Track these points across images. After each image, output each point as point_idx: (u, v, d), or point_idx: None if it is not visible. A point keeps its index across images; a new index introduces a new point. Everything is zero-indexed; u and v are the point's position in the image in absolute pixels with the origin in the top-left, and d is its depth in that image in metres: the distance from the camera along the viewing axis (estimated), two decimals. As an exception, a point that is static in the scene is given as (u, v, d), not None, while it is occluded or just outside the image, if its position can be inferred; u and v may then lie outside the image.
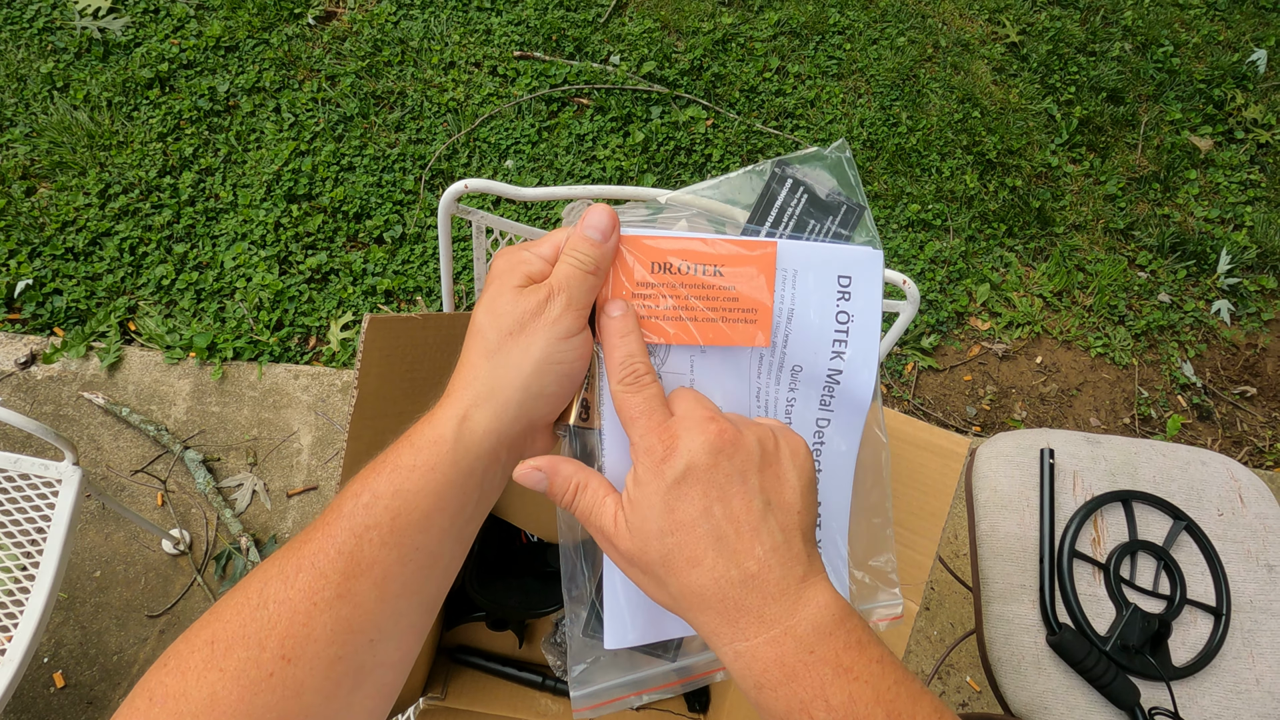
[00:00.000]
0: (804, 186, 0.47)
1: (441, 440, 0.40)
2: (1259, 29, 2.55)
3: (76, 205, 1.79)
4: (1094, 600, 1.08)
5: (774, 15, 2.31)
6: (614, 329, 0.42)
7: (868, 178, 2.11)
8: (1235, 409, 1.96)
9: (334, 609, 0.37)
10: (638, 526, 0.39)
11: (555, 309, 0.42)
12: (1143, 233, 2.14)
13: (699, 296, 0.44)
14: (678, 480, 0.38)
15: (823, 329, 0.46)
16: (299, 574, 0.38)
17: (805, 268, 0.46)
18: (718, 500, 0.38)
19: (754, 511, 0.39)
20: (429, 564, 0.40)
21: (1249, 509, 1.17)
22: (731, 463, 0.39)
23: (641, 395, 0.41)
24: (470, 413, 0.41)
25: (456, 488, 0.40)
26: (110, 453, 1.57)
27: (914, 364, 1.90)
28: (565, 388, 0.43)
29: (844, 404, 0.48)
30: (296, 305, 1.76)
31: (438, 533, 0.40)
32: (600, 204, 0.43)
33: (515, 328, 0.42)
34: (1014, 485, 1.15)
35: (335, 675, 0.37)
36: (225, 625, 0.37)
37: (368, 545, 0.38)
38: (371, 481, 0.40)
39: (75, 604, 1.45)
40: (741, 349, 0.46)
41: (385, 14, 2.15)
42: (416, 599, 0.40)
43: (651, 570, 0.39)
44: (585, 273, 0.42)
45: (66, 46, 1.99)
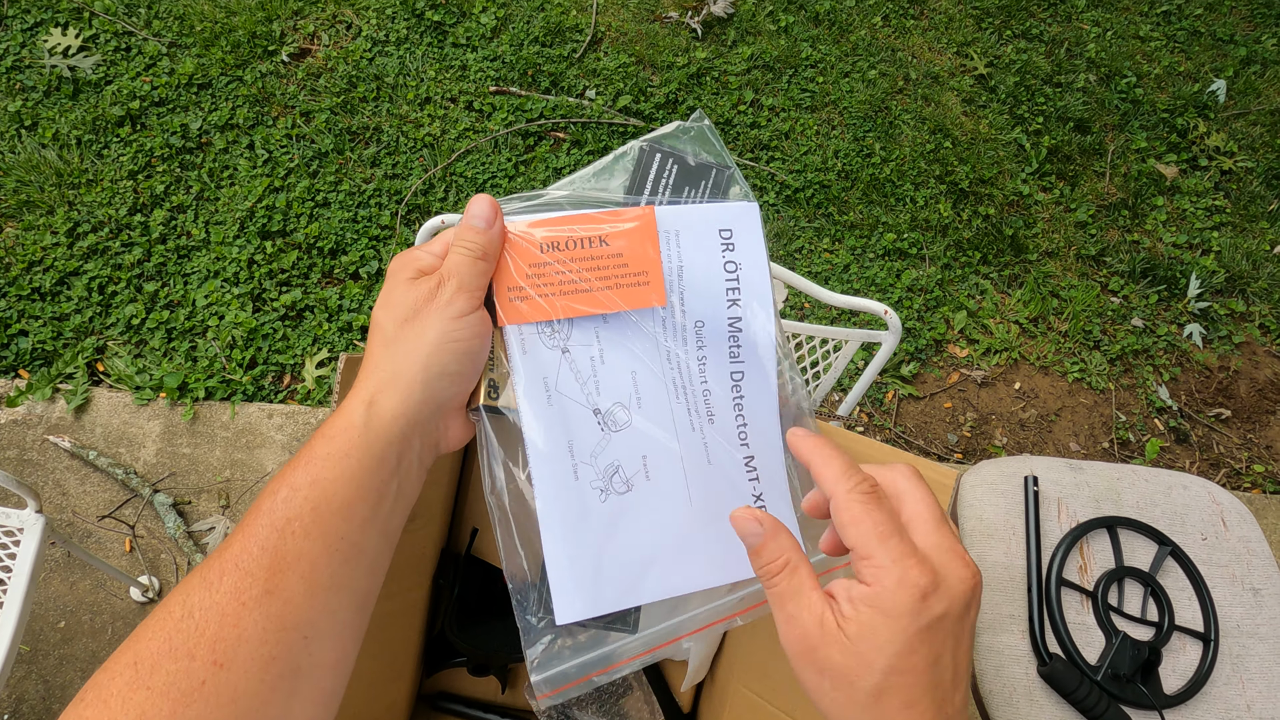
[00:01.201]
0: (673, 158, 0.49)
1: (351, 426, 0.41)
2: (1217, 60, 2.62)
3: (44, 244, 1.76)
4: (1083, 629, 1.07)
5: (747, 50, 2.34)
6: (819, 444, 0.41)
7: (844, 208, 2.13)
8: (1211, 431, 1.98)
9: (263, 606, 0.36)
10: (860, 651, 0.36)
11: (447, 292, 0.43)
12: (1114, 259, 2.17)
13: (590, 269, 0.46)
14: (931, 624, 0.36)
15: (714, 279, 0.49)
16: (223, 577, 0.36)
17: (685, 227, 0.48)
18: (951, 650, 0.37)
19: (964, 663, 0.38)
20: (354, 555, 0.40)
21: (1232, 532, 1.17)
22: (973, 615, 0.38)
23: (883, 509, 0.38)
24: (376, 397, 0.42)
25: (372, 473, 0.40)
26: (77, 498, 1.53)
27: (894, 392, 1.90)
28: (466, 365, 0.44)
29: (751, 352, 0.50)
30: (270, 343, 1.73)
31: (360, 522, 0.40)
32: (481, 194, 0.45)
33: (409, 314, 0.43)
34: (999, 514, 1.14)
35: (271, 677, 0.36)
36: (148, 644, 0.35)
37: (291, 538, 0.38)
38: (289, 476, 0.39)
39: (38, 657, 1.39)
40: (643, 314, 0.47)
41: (360, 50, 2.15)
42: (346, 594, 0.40)
43: (854, 693, 0.37)
44: (474, 258, 0.44)
45: (35, 85, 1.97)
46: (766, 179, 2.13)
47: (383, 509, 0.41)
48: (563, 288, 0.46)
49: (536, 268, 0.45)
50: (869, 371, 0.92)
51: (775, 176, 2.14)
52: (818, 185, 2.13)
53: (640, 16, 2.37)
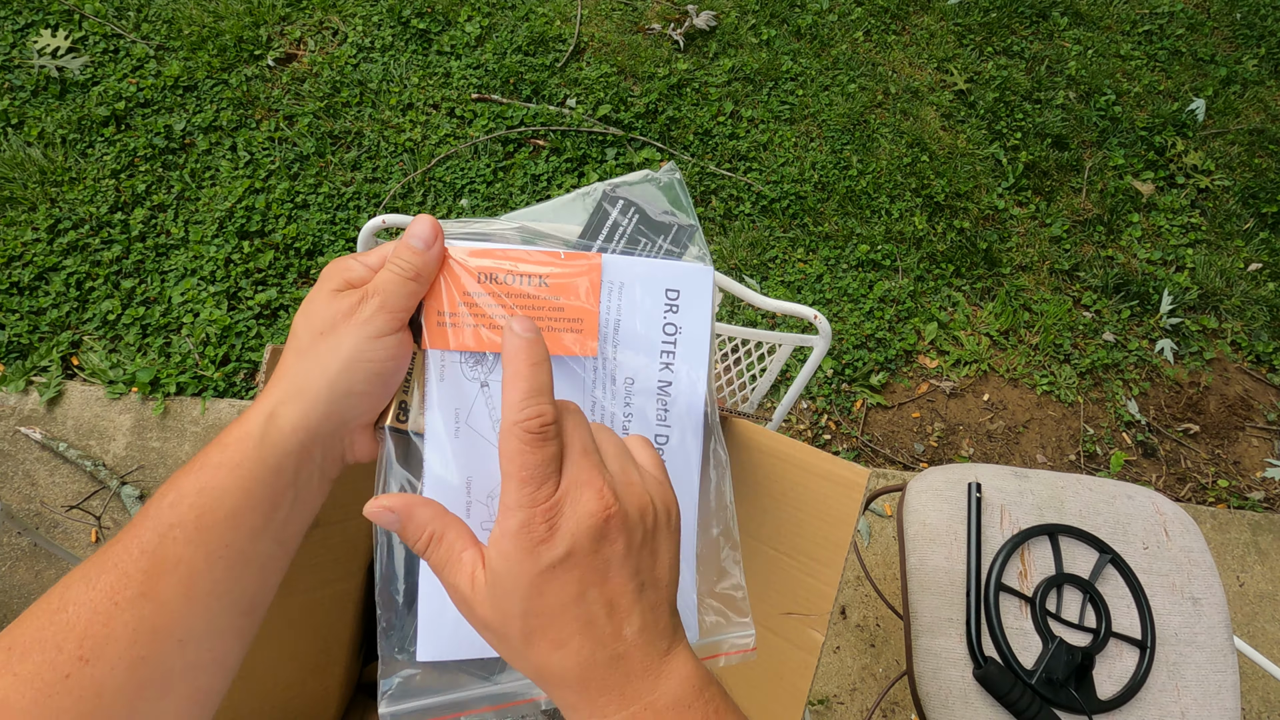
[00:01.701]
0: (635, 207, 0.48)
1: (247, 437, 0.40)
2: (1197, 79, 2.65)
3: (24, 240, 1.78)
4: (1020, 633, 1.08)
5: (728, 62, 2.37)
6: (521, 354, 0.39)
7: (819, 219, 2.15)
8: (1179, 446, 1.99)
9: (136, 608, 0.37)
10: (498, 599, 0.37)
11: (367, 310, 0.42)
12: (1087, 274, 2.19)
13: (525, 306, 0.45)
14: (554, 565, 0.36)
15: (650, 339, 0.48)
16: (101, 575, 0.37)
17: (632, 280, 0.47)
18: (595, 584, 0.37)
19: (629, 593, 0.37)
20: (240, 563, 0.40)
21: (1174, 542, 1.19)
22: (613, 546, 0.37)
23: (540, 454, 0.37)
24: (277, 409, 0.41)
25: (265, 485, 0.40)
26: (45, 489, 1.55)
27: (863, 401, 1.91)
28: (376, 386, 0.43)
29: (679, 419, 0.49)
30: (244, 340, 1.75)
31: (248, 531, 0.40)
32: (424, 215, 0.44)
33: (326, 327, 0.42)
34: (942, 519, 1.16)
35: (139, 677, 0.37)
36: (23, 632, 0.36)
37: (171, 543, 0.38)
38: (179, 481, 0.40)
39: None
40: (574, 360, 0.46)
41: (345, 56, 2.18)
42: (229, 600, 0.40)
43: (509, 642, 0.38)
44: (405, 278, 0.43)
45: (23, 84, 2.00)
46: (743, 189, 2.16)
47: (276, 518, 0.41)
48: (493, 321, 0.45)
49: (469, 297, 0.45)
50: (801, 375, 0.94)
51: (752, 187, 2.16)
52: (794, 196, 2.16)
53: (623, 28, 2.40)
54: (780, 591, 0.80)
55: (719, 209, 2.11)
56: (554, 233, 0.49)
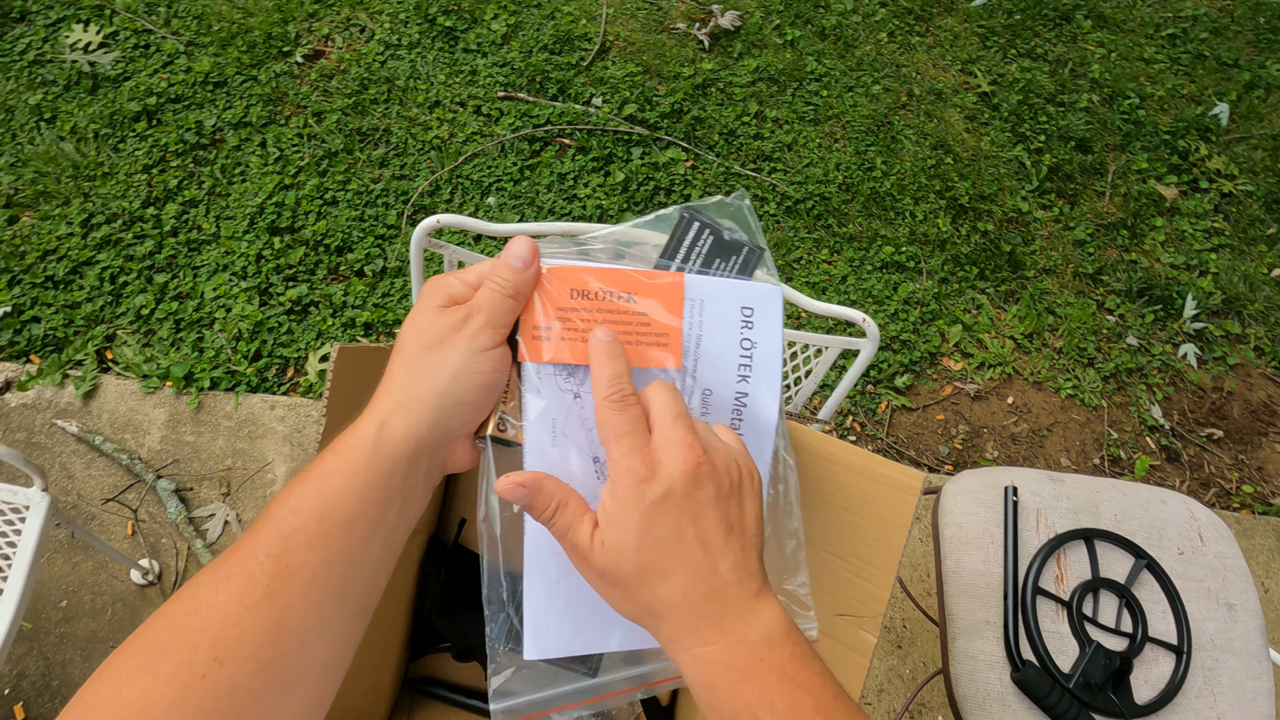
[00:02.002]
0: (710, 229, 0.50)
1: (361, 445, 0.43)
2: (1220, 84, 2.65)
3: (59, 234, 1.80)
4: (1057, 637, 1.09)
5: (753, 62, 2.38)
6: (602, 351, 0.45)
7: (843, 220, 2.15)
8: (1203, 451, 1.99)
9: (263, 611, 0.39)
10: (613, 542, 0.42)
11: (473, 325, 0.45)
12: (1111, 277, 2.19)
13: (615, 321, 0.47)
14: (657, 501, 0.41)
15: (728, 354, 0.50)
16: (229, 579, 0.39)
17: (711, 298, 0.50)
18: (691, 523, 0.42)
19: (720, 534, 0.42)
20: (354, 568, 0.42)
21: (1209, 548, 1.19)
22: (704, 490, 0.42)
23: (626, 415, 0.43)
24: (389, 419, 0.43)
25: (377, 490, 0.42)
26: (82, 481, 1.57)
27: (888, 403, 1.92)
28: (482, 398, 0.46)
29: (751, 427, 0.52)
30: (275, 336, 1.76)
31: (361, 536, 0.42)
32: (523, 236, 0.47)
33: (435, 341, 0.45)
34: (978, 522, 1.16)
35: (266, 677, 0.38)
36: (158, 634, 0.38)
37: (294, 548, 0.40)
38: (298, 488, 0.42)
39: (39, 634, 1.43)
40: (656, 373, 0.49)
41: (373, 54, 2.19)
42: (343, 603, 0.42)
43: (625, 582, 0.42)
44: (504, 296, 0.45)
45: (56, 79, 2.02)
46: (768, 189, 2.16)
47: (385, 525, 0.43)
48: (585, 335, 0.47)
49: (563, 311, 0.47)
50: (848, 377, 0.95)
51: (776, 187, 2.17)
52: (818, 197, 2.16)
53: (649, 27, 2.41)
54: (832, 593, 0.81)
55: (744, 209, 2.12)
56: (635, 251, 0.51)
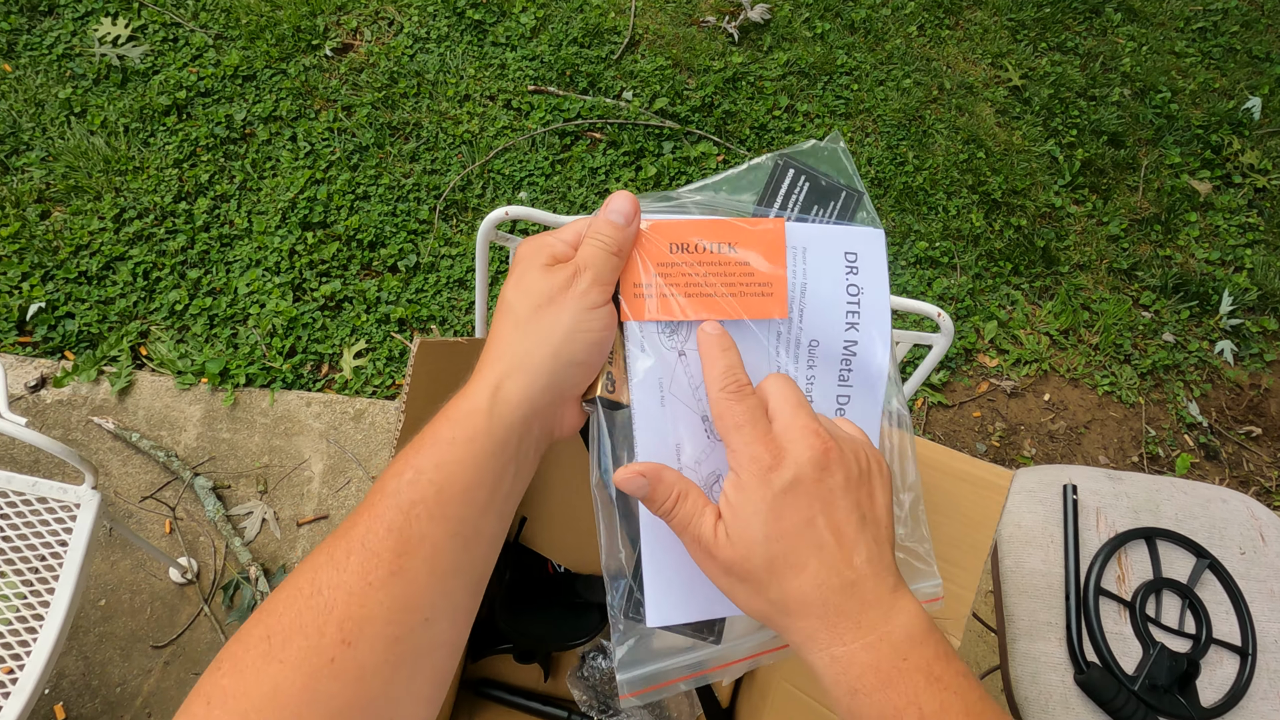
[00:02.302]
0: (805, 175, 0.49)
1: (476, 411, 0.41)
2: (1253, 77, 2.62)
3: (91, 229, 1.79)
4: (1120, 639, 1.07)
5: (783, 55, 2.35)
6: (713, 343, 0.44)
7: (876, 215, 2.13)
8: (1241, 449, 1.97)
9: (388, 588, 0.37)
10: (739, 534, 0.40)
11: (583, 283, 0.43)
12: (1146, 273, 2.17)
13: (716, 274, 0.46)
14: (785, 489, 0.39)
15: (835, 300, 0.48)
16: (350, 557, 0.37)
17: (812, 244, 0.48)
18: (821, 511, 0.40)
19: (852, 524, 0.40)
20: (474, 539, 0.40)
21: (1270, 547, 1.17)
22: (834, 477, 0.40)
23: (744, 405, 0.41)
24: (503, 383, 0.42)
25: (494, 458, 0.41)
26: (119, 479, 1.55)
27: (924, 399, 1.90)
28: (594, 356, 0.44)
29: (861, 379, 0.49)
30: (310, 332, 1.75)
31: (479, 506, 0.40)
32: (623, 190, 0.45)
33: (544, 301, 0.43)
34: (1038, 521, 1.15)
35: (395, 656, 0.37)
36: (280, 618, 0.36)
37: (416, 521, 0.38)
38: (414, 459, 0.40)
39: (79, 633, 1.42)
40: (760, 325, 0.47)
41: (402, 47, 2.18)
42: (465, 577, 0.41)
43: (753, 576, 0.40)
44: (609, 253, 0.44)
45: (85, 73, 2.00)
46: (800, 184, 2.14)
47: (500, 493, 0.41)
48: (688, 290, 0.45)
49: (664, 267, 0.45)
50: (920, 370, 0.93)
51: (809, 182, 2.14)
52: (851, 192, 2.14)
53: (678, 20, 2.39)
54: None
55: (777, 204, 2.10)
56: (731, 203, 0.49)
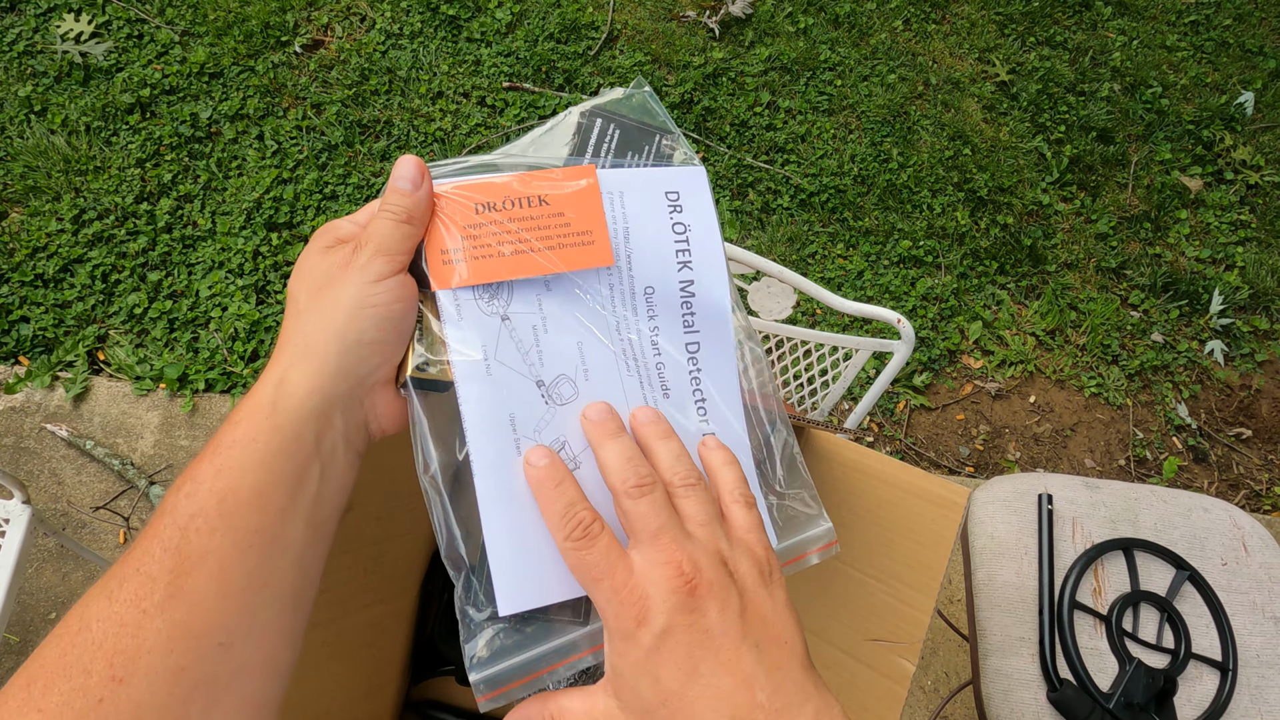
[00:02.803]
0: (614, 123, 0.47)
1: (258, 409, 0.37)
2: (1245, 72, 2.57)
3: (49, 231, 1.74)
4: (1096, 654, 1.03)
5: (765, 51, 2.31)
6: (544, 478, 0.39)
7: (859, 213, 2.09)
8: (1231, 451, 1.93)
9: (166, 612, 0.33)
10: (632, 706, 0.35)
11: (363, 256, 0.40)
12: (1135, 272, 2.12)
13: (530, 229, 0.43)
14: (656, 646, 0.35)
15: (662, 241, 0.46)
16: (123, 584, 0.33)
17: (629, 188, 0.46)
18: (705, 657, 0.35)
19: (746, 656, 0.35)
20: (274, 550, 0.36)
21: (1253, 558, 1.13)
22: (708, 614, 0.35)
23: (595, 551, 0.37)
24: (286, 374, 0.38)
25: (286, 457, 0.37)
26: (72, 488, 1.51)
27: (906, 402, 1.86)
28: (387, 333, 0.40)
29: (705, 320, 0.47)
30: (273, 336, 1.71)
31: (276, 512, 0.36)
32: (408, 155, 0.42)
33: (323, 282, 0.40)
34: (1011, 532, 1.10)
35: (182, 690, 0.33)
36: (44, 663, 0.32)
37: (195, 535, 0.34)
38: (194, 470, 0.36)
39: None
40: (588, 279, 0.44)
41: (373, 43, 2.13)
42: (268, 593, 0.36)
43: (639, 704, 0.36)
44: (398, 222, 0.40)
45: (46, 70, 1.96)
46: (781, 182, 2.10)
47: (304, 496, 0.37)
48: (500, 250, 0.42)
49: (471, 229, 0.42)
50: (879, 382, 0.89)
51: (790, 180, 2.10)
52: (833, 190, 2.10)
53: (657, 15, 2.34)
54: (866, 617, 0.75)
55: (756, 202, 2.06)
56: (542, 160, 0.47)
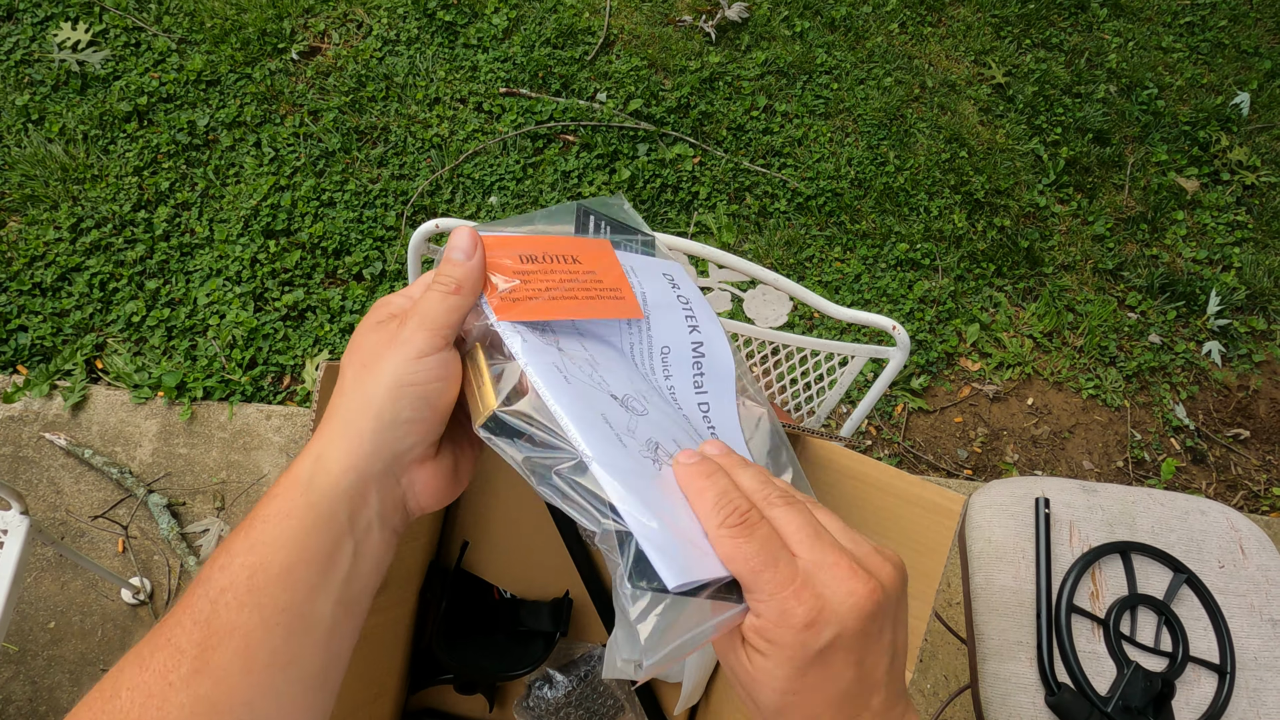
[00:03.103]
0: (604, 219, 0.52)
1: (295, 483, 0.37)
2: (1241, 72, 2.57)
3: (46, 239, 1.74)
4: (1093, 658, 1.03)
5: (761, 55, 2.31)
6: (695, 473, 0.39)
7: (856, 216, 2.09)
8: (1229, 452, 1.93)
9: (191, 686, 0.33)
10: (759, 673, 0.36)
11: (406, 330, 0.40)
12: (1132, 273, 2.12)
13: (568, 280, 0.45)
14: (823, 650, 0.34)
15: (673, 307, 0.50)
16: (154, 654, 0.34)
17: (637, 265, 0.50)
18: (854, 664, 0.35)
19: (882, 668, 0.36)
20: (301, 628, 0.36)
21: (1250, 560, 1.13)
22: (877, 624, 0.35)
23: (755, 539, 0.36)
24: (324, 451, 0.38)
25: (319, 533, 0.37)
26: (71, 496, 1.51)
27: (904, 405, 1.86)
28: (424, 412, 0.40)
29: (713, 379, 0.50)
30: (271, 343, 1.71)
31: (306, 590, 0.36)
32: (463, 225, 0.43)
33: (369, 359, 0.40)
34: (1009, 536, 1.10)
35: None
36: None
37: (224, 609, 0.34)
38: (230, 542, 0.36)
39: (26, 657, 1.38)
40: (614, 334, 0.47)
41: (370, 50, 2.13)
42: (294, 671, 0.36)
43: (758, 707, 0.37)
44: (446, 293, 0.40)
45: (44, 79, 1.96)
46: (778, 186, 2.10)
47: (335, 575, 0.37)
48: (549, 292, 0.44)
49: (520, 274, 0.44)
50: (875, 388, 0.89)
51: (787, 183, 2.10)
52: (830, 193, 2.10)
53: (654, 20, 2.34)
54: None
55: (754, 206, 2.06)
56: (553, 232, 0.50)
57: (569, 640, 0.94)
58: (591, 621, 0.92)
